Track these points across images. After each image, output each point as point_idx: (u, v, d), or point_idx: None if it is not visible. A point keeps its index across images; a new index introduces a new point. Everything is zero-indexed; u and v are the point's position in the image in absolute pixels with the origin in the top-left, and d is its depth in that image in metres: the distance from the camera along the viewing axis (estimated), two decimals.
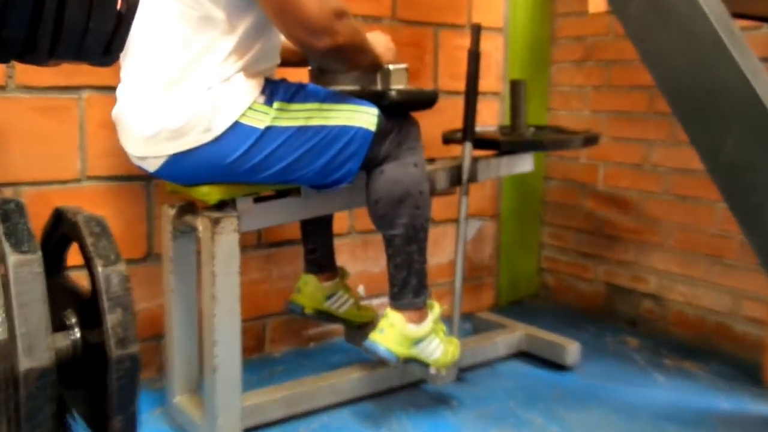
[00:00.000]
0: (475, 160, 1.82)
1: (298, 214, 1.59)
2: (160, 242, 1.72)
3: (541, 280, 2.57)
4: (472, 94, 1.74)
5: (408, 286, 1.52)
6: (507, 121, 2.35)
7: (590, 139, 1.84)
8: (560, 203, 2.49)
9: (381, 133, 1.46)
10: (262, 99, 1.34)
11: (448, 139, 1.92)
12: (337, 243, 2.05)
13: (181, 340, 1.56)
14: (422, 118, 1.61)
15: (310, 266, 1.80)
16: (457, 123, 2.05)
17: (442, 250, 2.31)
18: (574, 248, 2.45)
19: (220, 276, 1.39)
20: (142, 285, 1.74)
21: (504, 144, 1.81)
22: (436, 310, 1.58)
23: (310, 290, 1.77)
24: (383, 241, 1.52)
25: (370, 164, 1.48)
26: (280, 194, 1.56)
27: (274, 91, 1.37)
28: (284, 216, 1.57)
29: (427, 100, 1.52)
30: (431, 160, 2.14)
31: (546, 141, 1.82)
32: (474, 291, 2.41)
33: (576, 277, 2.46)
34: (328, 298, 1.79)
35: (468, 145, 1.76)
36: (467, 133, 1.75)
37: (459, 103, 2.13)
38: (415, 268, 1.52)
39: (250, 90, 1.33)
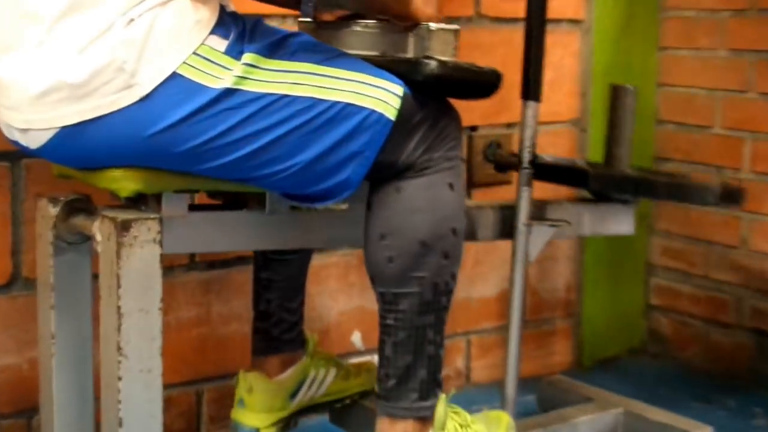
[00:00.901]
0: (541, 205, 1.83)
1: (255, 240, 1.60)
2: (32, 259, 1.72)
3: (649, 326, 2.58)
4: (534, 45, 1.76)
5: (412, 380, 1.52)
6: (592, 66, 2.37)
7: (730, 195, 1.84)
8: (679, 207, 2.50)
9: (405, 125, 1.46)
10: (222, 44, 1.36)
11: (501, 163, 1.94)
12: (320, 263, 2.07)
13: (66, 418, 1.57)
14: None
15: (258, 342, 1.80)
16: (512, 67, 2.06)
17: (489, 276, 2.32)
18: (704, 273, 2.46)
19: (131, 315, 1.40)
20: (1, 327, 1.75)
21: (596, 179, 1.82)
22: (439, 407, 1.55)
23: (259, 399, 1.75)
24: (379, 303, 1.53)
25: (381, 174, 1.49)
26: (232, 202, 1.57)
27: (243, 35, 1.38)
28: (234, 240, 1.58)
29: (483, 83, 1.53)
30: (471, 129, 2.17)
31: (663, 183, 1.83)
32: (541, 342, 2.42)
33: (708, 320, 2.46)
34: (294, 394, 1.79)
35: (531, 107, 1.77)
36: (530, 83, 1.77)
37: (514, 40, 2.14)
38: (428, 352, 1.52)
39: (199, 25, 1.34)
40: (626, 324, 2.55)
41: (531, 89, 1.78)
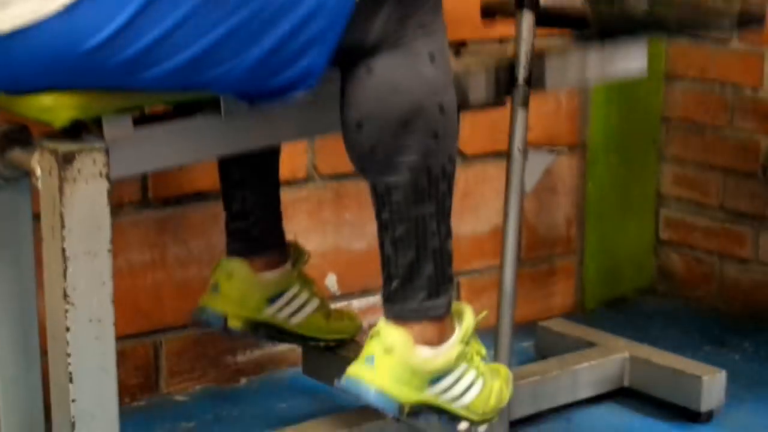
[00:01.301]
0: (541, 52, 1.82)
1: (214, 146, 1.59)
2: None
3: (659, 262, 2.60)
4: None
5: (418, 278, 1.53)
6: None
7: (749, 19, 1.84)
8: (694, 122, 2.50)
9: None
10: None
11: (490, 9, 1.92)
12: (288, 198, 2.07)
13: (11, 374, 1.57)
14: None
15: (236, 244, 1.81)
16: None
17: (480, 209, 2.33)
18: (718, 204, 2.47)
19: (78, 258, 1.39)
20: None
21: (596, 20, 1.81)
22: (467, 319, 1.60)
23: (237, 287, 1.78)
24: (372, 197, 1.53)
25: (350, 55, 1.48)
26: (182, 111, 1.55)
27: None
28: (189, 151, 1.57)
29: None
30: (459, 48, 2.14)
31: (671, 18, 1.82)
32: (539, 283, 2.44)
33: (722, 255, 2.48)
34: (272, 300, 1.81)
35: (527, 17, 1.77)
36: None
37: None
38: (432, 245, 1.53)
39: None
40: (633, 261, 2.56)
41: None
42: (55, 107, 1.40)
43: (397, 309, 1.54)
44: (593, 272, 2.49)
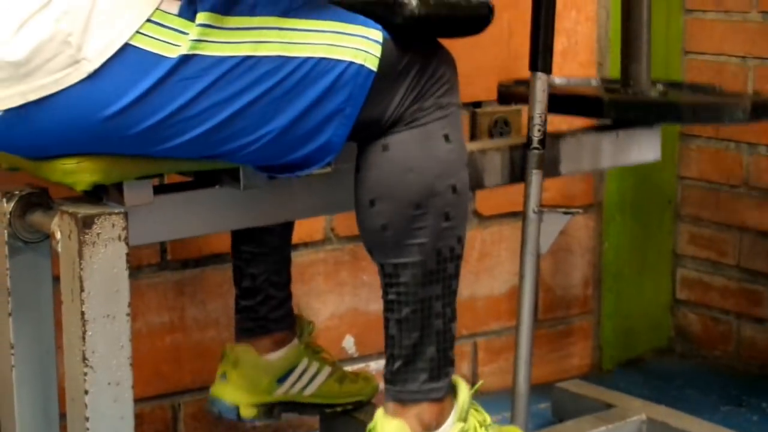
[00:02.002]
0: (555, 137, 1.84)
1: (232, 219, 1.60)
2: None
3: (676, 322, 2.59)
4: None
5: (420, 360, 1.53)
6: (610, 33, 2.37)
7: (763, 110, 1.85)
8: (710, 181, 2.51)
9: (389, 75, 1.46)
10: (174, 6, 1.34)
11: (506, 95, 1.94)
12: (305, 259, 2.08)
13: None
14: (456, 49, 1.63)
15: (244, 322, 1.81)
16: (519, 35, 2.07)
17: (496, 270, 2.33)
18: (735, 263, 2.47)
19: (96, 321, 1.40)
20: None
21: (612, 107, 1.82)
22: (462, 394, 1.57)
23: (245, 374, 1.78)
24: (380, 277, 1.53)
25: (367, 132, 1.48)
26: (202, 181, 1.57)
27: None
28: (208, 221, 1.58)
29: (471, 18, 1.52)
30: (474, 106, 2.16)
31: (688, 105, 1.83)
32: (556, 343, 2.44)
33: (740, 314, 2.48)
34: (281, 379, 1.81)
35: (540, 79, 1.78)
36: (538, 53, 1.78)
37: (522, 2, 2.15)
38: (436, 327, 1.53)
39: None
40: (651, 321, 2.56)
41: (540, 60, 1.78)
42: (78, 171, 1.41)
43: (398, 390, 1.53)
44: (610, 333, 2.48)
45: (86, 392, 1.41)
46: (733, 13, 2.42)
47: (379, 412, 1.54)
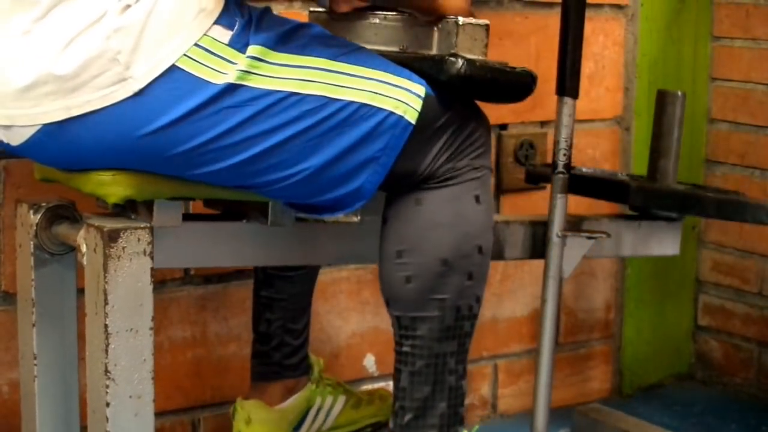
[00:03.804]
0: (577, 221, 1.85)
1: (256, 254, 1.61)
2: (12, 272, 1.74)
3: (697, 349, 2.58)
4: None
5: (431, 415, 1.53)
6: (637, 58, 2.37)
7: None
8: None
9: (426, 130, 1.47)
10: (225, 35, 1.36)
11: (534, 177, 1.97)
12: (328, 277, 2.07)
13: None
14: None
15: (258, 367, 1.81)
16: (546, 59, 2.07)
17: (519, 292, 2.32)
18: (758, 290, 2.46)
19: (119, 334, 1.40)
20: None
21: (638, 193, 1.83)
22: None
23: (259, 430, 1.77)
24: (394, 329, 1.53)
25: (400, 184, 1.50)
26: (231, 212, 1.58)
27: (249, 25, 1.39)
28: (232, 254, 1.59)
29: (516, 85, 1.54)
30: (501, 128, 2.16)
31: (710, 203, 1.85)
32: (576, 367, 2.43)
33: (761, 342, 2.46)
34: (298, 426, 1.81)
35: (567, 104, 1.78)
36: (566, 77, 1.77)
37: (550, 26, 2.15)
38: (449, 383, 1.53)
39: (203, 14, 1.35)
40: (672, 347, 2.54)
41: (568, 84, 1.78)
42: (112, 183, 1.42)
43: None
44: (631, 357, 2.47)
45: (108, 405, 1.41)
46: (762, 41, 2.41)
47: None
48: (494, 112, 1.61)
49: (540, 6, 2.25)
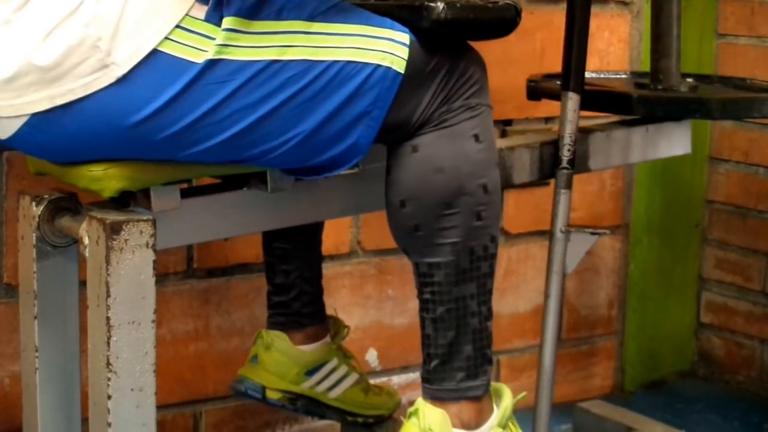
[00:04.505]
0: (585, 132, 1.83)
1: (259, 221, 1.60)
2: (14, 263, 1.74)
3: (700, 346, 2.57)
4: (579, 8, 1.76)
5: (457, 359, 1.53)
6: (642, 53, 2.36)
7: None
8: (737, 206, 2.49)
9: (416, 77, 1.46)
10: (201, 11, 1.35)
11: (535, 89, 1.93)
12: (331, 272, 2.07)
13: None
14: (486, 47, 1.63)
15: (277, 318, 1.82)
16: (552, 64, 2.07)
17: (522, 288, 2.32)
18: (761, 289, 2.45)
19: (122, 327, 1.40)
20: None
21: (640, 103, 1.82)
22: (506, 400, 1.58)
23: (276, 359, 1.79)
24: (414, 276, 1.54)
25: (395, 134, 1.49)
26: (229, 184, 1.57)
27: None
28: (235, 224, 1.58)
29: (498, 21, 1.53)
30: (505, 124, 2.15)
31: (717, 101, 1.83)
32: (579, 363, 2.42)
33: (764, 340, 2.45)
34: (310, 372, 1.81)
35: (572, 99, 1.78)
36: (571, 73, 1.77)
37: (555, 22, 2.15)
38: (472, 326, 1.53)
39: None
40: (674, 344, 2.54)
41: (572, 79, 1.77)
42: (104, 178, 1.42)
43: (435, 389, 1.53)
44: (633, 354, 2.47)
45: (109, 397, 1.41)
46: (766, 39, 2.41)
47: (420, 400, 1.53)
48: (497, 109, 1.60)
49: (545, 1, 2.24)
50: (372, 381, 1.94)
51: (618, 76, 2.10)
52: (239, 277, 1.99)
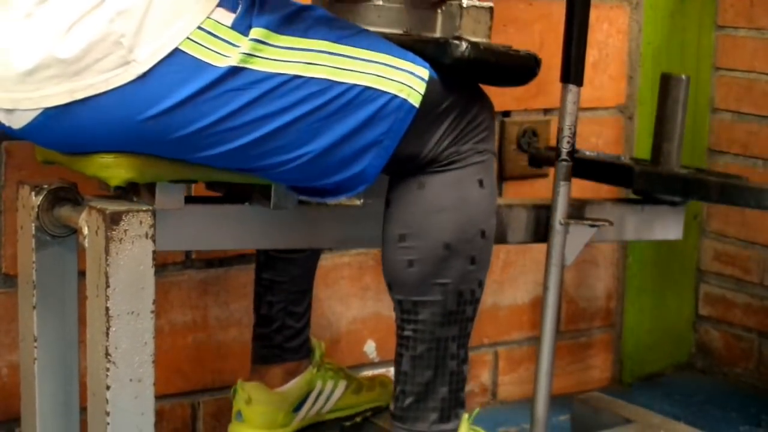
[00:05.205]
0: (580, 204, 1.85)
1: (257, 238, 1.61)
2: (13, 253, 1.74)
3: (698, 338, 2.58)
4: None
5: (432, 399, 1.53)
6: (641, 47, 2.37)
7: None
8: None
9: (430, 113, 1.47)
10: (228, 17, 1.36)
11: (537, 159, 1.97)
12: (330, 263, 2.07)
13: (50, 430, 1.57)
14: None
15: (259, 350, 1.81)
16: (551, 55, 2.07)
17: (520, 280, 2.32)
18: (759, 281, 2.46)
19: (120, 317, 1.40)
20: None
21: (641, 177, 1.83)
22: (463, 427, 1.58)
23: (259, 411, 1.77)
24: (396, 313, 1.54)
25: (403, 167, 1.49)
26: (233, 195, 1.58)
27: (253, 7, 1.38)
28: (233, 237, 1.59)
29: (520, 69, 1.54)
30: (504, 115, 2.16)
31: (713, 187, 1.85)
32: (577, 355, 2.43)
33: (762, 332, 2.46)
34: (297, 408, 1.81)
35: (571, 91, 1.78)
36: (570, 64, 1.77)
37: (554, 14, 2.14)
38: (450, 368, 1.53)
39: None
40: (672, 336, 2.55)
41: (572, 71, 1.77)
42: (114, 166, 1.42)
43: (407, 429, 1.54)
44: (632, 346, 2.47)
45: (108, 387, 1.41)
46: (766, 31, 2.41)
47: None
48: (497, 99, 1.60)
49: None
50: (370, 372, 1.95)
51: (617, 157, 2.13)
52: (238, 268, 2.00)
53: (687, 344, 2.57)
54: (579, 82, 1.78)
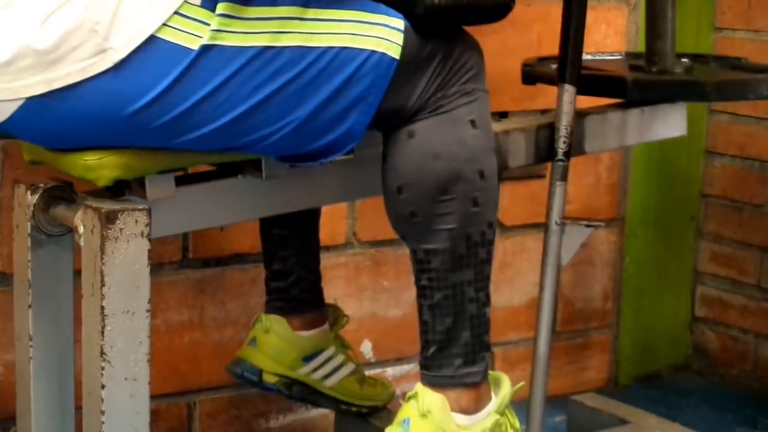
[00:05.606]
0: (581, 115, 1.83)
1: (254, 208, 1.60)
2: (8, 253, 1.74)
3: (694, 340, 2.58)
4: None
5: (455, 345, 1.53)
6: (639, 46, 2.36)
7: None
8: (733, 200, 2.50)
9: (412, 63, 1.46)
10: None
11: (531, 74, 1.93)
12: (326, 263, 2.07)
13: (45, 429, 1.57)
14: (484, 38, 1.63)
15: (275, 303, 1.82)
16: (548, 47, 2.07)
17: (516, 280, 2.32)
18: (755, 282, 2.46)
19: (116, 316, 1.40)
20: None
21: (635, 87, 1.82)
22: (504, 388, 1.59)
23: (273, 342, 1.79)
24: (412, 262, 1.54)
25: (391, 120, 1.49)
26: (224, 171, 1.57)
27: None
28: (231, 211, 1.58)
29: (493, 6, 1.53)
30: (501, 116, 2.15)
31: (712, 83, 1.83)
32: (573, 356, 2.43)
33: (758, 334, 2.46)
34: (308, 358, 1.82)
35: (568, 91, 1.78)
36: (567, 65, 1.77)
37: (552, 14, 2.14)
38: (470, 312, 1.53)
39: None
40: (669, 338, 2.55)
41: (569, 71, 1.77)
42: (99, 167, 1.42)
43: (433, 375, 1.53)
44: (628, 347, 2.47)
45: (103, 386, 1.41)
46: (763, 33, 2.41)
47: (420, 385, 1.54)
48: (494, 100, 1.60)
49: None
50: (366, 372, 1.94)
51: (613, 58, 2.10)
52: (234, 268, 2.00)
53: (683, 345, 2.57)
54: (575, 83, 1.77)
